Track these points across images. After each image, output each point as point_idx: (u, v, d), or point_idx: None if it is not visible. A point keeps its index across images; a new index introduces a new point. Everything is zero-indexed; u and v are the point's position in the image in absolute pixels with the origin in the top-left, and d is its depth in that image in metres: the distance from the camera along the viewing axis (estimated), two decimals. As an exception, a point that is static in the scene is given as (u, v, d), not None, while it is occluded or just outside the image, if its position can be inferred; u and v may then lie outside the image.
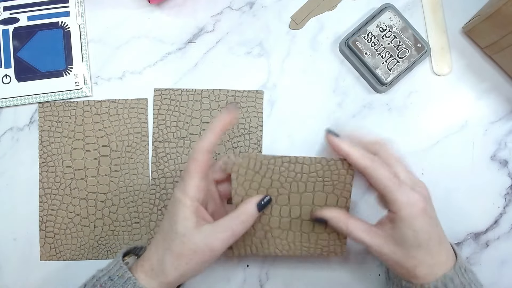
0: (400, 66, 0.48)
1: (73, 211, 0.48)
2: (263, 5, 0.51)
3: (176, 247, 0.35)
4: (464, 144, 0.49)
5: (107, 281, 0.35)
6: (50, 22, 0.50)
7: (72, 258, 0.47)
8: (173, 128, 0.49)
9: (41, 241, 0.47)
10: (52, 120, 0.49)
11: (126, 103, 0.49)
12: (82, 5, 0.50)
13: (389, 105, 0.49)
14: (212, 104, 0.49)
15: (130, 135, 0.49)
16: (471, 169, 0.48)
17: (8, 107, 0.49)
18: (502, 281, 0.47)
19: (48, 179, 0.48)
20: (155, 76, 0.50)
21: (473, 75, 0.50)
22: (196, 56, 0.50)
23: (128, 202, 0.48)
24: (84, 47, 0.50)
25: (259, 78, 0.50)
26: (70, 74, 0.49)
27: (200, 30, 0.50)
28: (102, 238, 0.48)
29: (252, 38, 0.50)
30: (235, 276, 0.47)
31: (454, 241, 0.47)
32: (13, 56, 0.49)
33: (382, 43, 0.48)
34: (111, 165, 0.48)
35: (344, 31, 0.50)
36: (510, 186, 0.48)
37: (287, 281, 0.47)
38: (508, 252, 0.47)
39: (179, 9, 0.51)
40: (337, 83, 0.50)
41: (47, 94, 0.49)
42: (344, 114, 0.49)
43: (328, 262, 0.47)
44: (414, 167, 0.48)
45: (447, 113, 0.49)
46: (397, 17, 0.48)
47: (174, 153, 0.48)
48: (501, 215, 0.48)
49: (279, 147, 0.49)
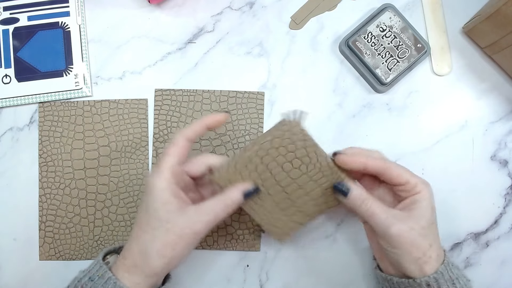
0: (400, 66, 0.48)
1: (72, 211, 0.48)
2: (263, 5, 0.51)
3: (160, 235, 0.34)
4: (464, 144, 0.49)
5: (87, 282, 0.35)
6: (50, 22, 0.50)
7: (71, 258, 0.47)
8: (174, 128, 0.49)
9: (40, 240, 0.47)
10: (52, 120, 0.48)
11: (126, 103, 0.49)
12: (82, 5, 0.50)
13: (389, 105, 0.49)
14: (213, 105, 0.49)
15: (130, 135, 0.49)
16: (471, 169, 0.48)
17: (8, 107, 0.49)
18: (502, 281, 0.47)
19: (47, 179, 0.48)
20: (155, 76, 0.50)
21: (473, 75, 0.50)
22: (196, 56, 0.50)
23: (128, 202, 0.48)
24: (84, 47, 0.50)
25: (259, 78, 0.50)
26: (70, 74, 0.49)
27: (200, 30, 0.50)
28: (101, 238, 0.47)
29: (252, 38, 0.50)
30: (235, 276, 0.47)
31: (454, 241, 0.48)
32: (13, 56, 0.49)
33: (382, 43, 0.48)
34: (111, 165, 0.48)
35: (344, 31, 0.50)
36: (510, 186, 0.48)
37: (287, 281, 0.47)
38: (508, 252, 0.47)
39: (179, 9, 0.51)
40: (337, 83, 0.50)
41: (47, 94, 0.49)
42: (344, 114, 0.49)
43: (328, 262, 0.47)
44: (414, 167, 0.48)
45: (447, 113, 0.49)
46: (397, 17, 0.48)
47: (174, 153, 0.48)
48: (501, 215, 0.48)
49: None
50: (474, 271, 0.47)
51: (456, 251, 0.47)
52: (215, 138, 0.48)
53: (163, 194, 0.34)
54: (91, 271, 0.36)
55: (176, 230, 0.34)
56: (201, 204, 0.36)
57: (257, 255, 0.47)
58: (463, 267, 0.47)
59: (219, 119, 0.39)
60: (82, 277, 0.36)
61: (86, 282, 0.35)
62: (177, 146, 0.36)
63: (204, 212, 0.35)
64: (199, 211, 0.35)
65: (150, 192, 0.35)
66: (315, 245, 0.47)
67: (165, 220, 0.34)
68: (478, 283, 0.47)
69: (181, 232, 0.34)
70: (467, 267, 0.47)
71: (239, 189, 0.37)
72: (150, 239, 0.34)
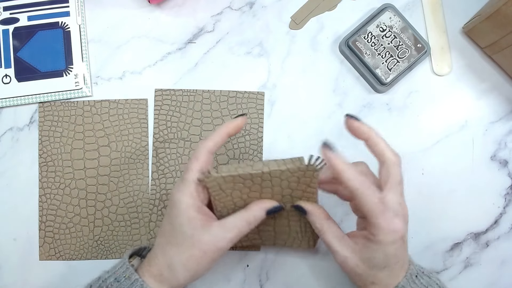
0: (400, 66, 0.48)
1: (72, 211, 0.48)
2: (263, 5, 0.51)
3: (185, 249, 0.35)
4: (464, 144, 0.49)
5: (113, 282, 0.35)
6: (50, 22, 0.50)
7: (71, 258, 0.47)
8: (174, 128, 0.49)
9: (40, 240, 0.47)
10: (52, 120, 0.49)
11: (126, 103, 0.49)
12: (82, 5, 0.50)
13: (389, 105, 0.49)
14: (213, 105, 0.49)
15: (130, 135, 0.49)
16: (471, 169, 0.48)
17: (8, 107, 0.49)
18: (502, 281, 0.47)
19: (48, 179, 0.48)
20: (155, 76, 0.50)
21: (473, 75, 0.50)
22: (196, 56, 0.50)
23: (128, 202, 0.48)
24: (84, 47, 0.50)
25: (259, 78, 0.50)
26: (70, 74, 0.49)
27: (200, 30, 0.50)
28: (101, 238, 0.47)
29: (252, 38, 0.50)
30: (235, 276, 0.47)
31: (454, 241, 0.47)
32: (13, 56, 0.49)
33: (382, 43, 0.48)
34: (111, 165, 0.48)
35: (344, 31, 0.50)
36: (510, 186, 0.48)
37: (287, 281, 0.47)
38: (508, 252, 0.47)
39: (179, 9, 0.51)
40: (337, 83, 0.50)
41: (47, 94, 0.49)
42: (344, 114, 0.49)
43: (328, 262, 0.47)
44: (414, 167, 0.48)
45: (447, 113, 0.49)
46: (397, 17, 0.48)
47: (175, 153, 0.48)
48: (501, 215, 0.48)
49: (279, 147, 0.49)
50: (474, 271, 0.47)
51: (456, 251, 0.47)
52: (215, 138, 0.48)
53: (188, 210, 0.35)
54: (116, 272, 0.36)
55: (201, 246, 0.35)
56: (225, 221, 0.36)
57: (257, 255, 0.47)
58: (463, 267, 0.47)
59: (238, 124, 0.38)
60: (107, 277, 0.36)
61: (112, 283, 0.35)
62: (200, 161, 0.36)
63: (227, 229, 0.35)
64: (223, 228, 0.35)
65: (175, 207, 0.36)
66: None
67: (190, 236, 0.35)
68: (478, 283, 0.47)
69: (206, 248, 0.35)
70: (467, 267, 0.47)
71: (262, 207, 0.37)
72: (176, 253, 0.35)
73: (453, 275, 0.47)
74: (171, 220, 0.36)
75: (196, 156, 0.36)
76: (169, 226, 0.36)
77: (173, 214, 0.36)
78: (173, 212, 0.36)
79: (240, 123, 0.38)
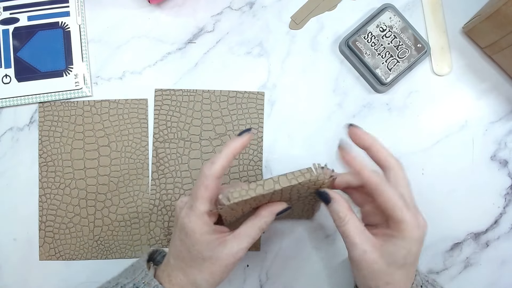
0: (400, 66, 0.48)
1: (72, 211, 0.48)
2: (263, 5, 0.51)
3: (207, 269, 0.35)
4: (464, 144, 0.49)
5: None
6: (50, 22, 0.50)
7: (71, 258, 0.47)
8: (174, 128, 0.49)
9: (40, 240, 0.47)
10: (52, 120, 0.48)
11: (126, 103, 0.49)
12: (82, 5, 0.50)
13: (389, 105, 0.49)
14: (213, 105, 0.49)
15: (130, 135, 0.49)
16: (471, 169, 0.48)
17: (8, 107, 0.49)
18: (502, 281, 0.47)
19: (47, 179, 0.48)
20: (155, 76, 0.50)
21: (473, 75, 0.50)
22: (196, 56, 0.50)
23: (128, 202, 0.48)
24: (84, 47, 0.50)
25: (259, 78, 0.50)
26: (70, 74, 0.49)
27: (200, 30, 0.50)
28: (101, 238, 0.47)
29: (252, 38, 0.50)
30: (235, 276, 0.47)
31: (454, 241, 0.48)
32: (13, 56, 0.49)
33: (382, 43, 0.48)
34: (111, 165, 0.48)
35: (344, 31, 0.50)
36: (510, 186, 0.48)
37: (287, 281, 0.47)
38: (508, 252, 0.47)
39: (179, 9, 0.51)
40: (337, 83, 0.50)
41: (47, 94, 0.49)
42: (344, 114, 0.49)
43: (328, 262, 0.47)
44: (414, 167, 0.48)
45: (447, 113, 0.49)
46: (397, 17, 0.48)
47: (175, 153, 0.48)
48: (501, 215, 0.48)
49: (279, 147, 0.49)
50: (474, 271, 0.47)
51: (456, 251, 0.47)
52: (215, 138, 0.48)
53: (204, 237, 0.35)
54: (136, 278, 0.36)
55: (221, 262, 0.35)
56: (238, 232, 0.36)
57: (257, 255, 0.47)
58: (463, 267, 0.47)
59: (244, 143, 0.36)
60: (126, 283, 0.36)
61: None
62: (209, 190, 0.35)
63: (242, 240, 0.36)
64: (238, 239, 0.36)
65: (190, 237, 0.35)
66: (315, 245, 0.47)
67: (209, 257, 0.35)
68: (478, 283, 0.47)
69: (226, 262, 0.35)
70: (467, 267, 0.47)
71: (272, 212, 0.37)
72: (198, 273, 0.36)
73: (453, 275, 0.47)
74: (188, 248, 0.36)
75: (205, 185, 0.35)
76: (187, 253, 0.36)
77: (189, 242, 0.35)
78: (189, 240, 0.35)
79: (246, 141, 0.36)
